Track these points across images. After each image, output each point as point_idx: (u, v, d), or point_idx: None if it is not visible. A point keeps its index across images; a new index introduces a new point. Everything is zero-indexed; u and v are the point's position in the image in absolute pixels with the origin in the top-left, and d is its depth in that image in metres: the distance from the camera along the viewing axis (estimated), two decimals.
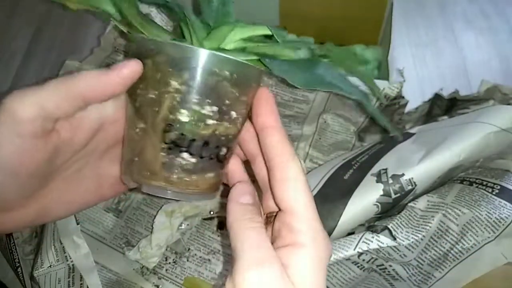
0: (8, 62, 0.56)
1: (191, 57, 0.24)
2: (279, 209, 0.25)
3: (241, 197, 0.25)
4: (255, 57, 0.26)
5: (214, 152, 0.26)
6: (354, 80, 0.28)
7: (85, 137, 0.28)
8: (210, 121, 0.25)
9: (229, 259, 0.39)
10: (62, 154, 0.27)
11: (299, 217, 0.24)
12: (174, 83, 0.25)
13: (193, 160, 0.25)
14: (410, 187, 0.35)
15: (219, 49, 0.26)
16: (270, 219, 0.28)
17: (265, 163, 0.27)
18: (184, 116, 0.25)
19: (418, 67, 0.53)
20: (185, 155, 0.25)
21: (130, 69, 0.25)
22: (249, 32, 0.27)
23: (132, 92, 0.26)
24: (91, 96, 0.25)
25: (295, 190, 0.24)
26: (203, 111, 0.25)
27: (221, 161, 0.27)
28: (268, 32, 0.27)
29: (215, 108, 0.25)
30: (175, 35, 0.28)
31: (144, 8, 0.38)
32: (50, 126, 0.25)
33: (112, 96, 0.25)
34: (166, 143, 0.25)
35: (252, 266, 0.22)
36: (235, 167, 0.29)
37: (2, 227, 0.28)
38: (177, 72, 0.25)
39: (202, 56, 0.24)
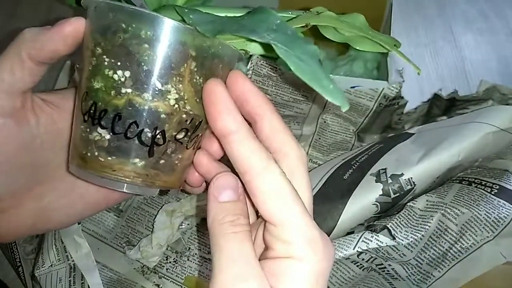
0: None
1: (97, 12, 0.22)
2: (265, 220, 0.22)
3: (222, 193, 0.22)
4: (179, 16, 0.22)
5: (133, 130, 0.22)
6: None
7: (67, 126, 0.27)
8: (123, 89, 0.22)
9: None
10: (49, 143, 0.26)
11: (291, 229, 0.20)
12: (91, 45, 0.22)
13: (107, 136, 0.22)
14: (409, 187, 0.35)
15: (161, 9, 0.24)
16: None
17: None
18: (97, 82, 0.22)
19: None
20: (99, 128, 0.22)
21: (72, 26, 0.23)
22: None
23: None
24: (34, 54, 0.23)
25: (279, 203, 0.21)
26: (115, 76, 0.22)
27: (148, 145, 0.22)
28: None
29: (127, 73, 0.21)
30: None
31: None
32: (18, 102, 0.24)
33: (55, 54, 0.23)
34: (83, 114, 0.23)
35: (231, 284, 0.19)
36: (200, 159, 0.25)
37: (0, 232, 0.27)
38: (93, 33, 0.22)
39: (103, 9, 0.22)
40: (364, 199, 0.36)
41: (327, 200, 0.36)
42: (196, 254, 0.41)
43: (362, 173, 0.37)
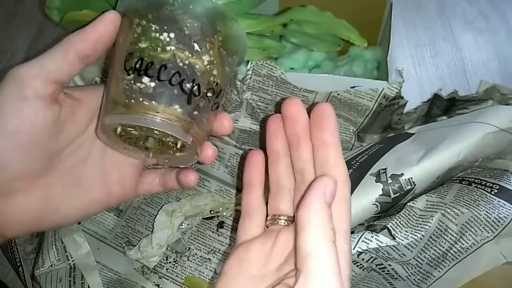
0: (9, 62, 0.57)
1: None
2: None
3: (328, 195, 0.24)
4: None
5: (176, 79, 0.26)
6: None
7: (84, 118, 0.29)
8: (168, 47, 0.26)
9: None
10: (64, 132, 0.28)
11: (346, 237, 0.24)
12: (136, 20, 0.27)
13: (152, 84, 0.25)
14: (409, 187, 0.35)
15: None
16: (275, 221, 0.28)
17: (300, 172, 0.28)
18: (143, 43, 0.26)
19: (417, 67, 0.54)
20: (144, 78, 0.25)
21: (110, 15, 0.27)
22: None
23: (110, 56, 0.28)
24: (80, 45, 0.26)
25: (348, 210, 0.25)
26: (161, 37, 0.26)
27: (188, 94, 0.26)
28: None
29: (172, 35, 0.26)
30: None
31: None
32: (51, 89, 0.26)
33: (99, 44, 0.27)
34: (126, 71, 0.26)
35: None
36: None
37: (6, 219, 0.27)
38: (136, 11, 0.27)
39: None
40: (364, 199, 0.36)
41: None
42: (196, 254, 0.41)
43: (362, 173, 0.37)
